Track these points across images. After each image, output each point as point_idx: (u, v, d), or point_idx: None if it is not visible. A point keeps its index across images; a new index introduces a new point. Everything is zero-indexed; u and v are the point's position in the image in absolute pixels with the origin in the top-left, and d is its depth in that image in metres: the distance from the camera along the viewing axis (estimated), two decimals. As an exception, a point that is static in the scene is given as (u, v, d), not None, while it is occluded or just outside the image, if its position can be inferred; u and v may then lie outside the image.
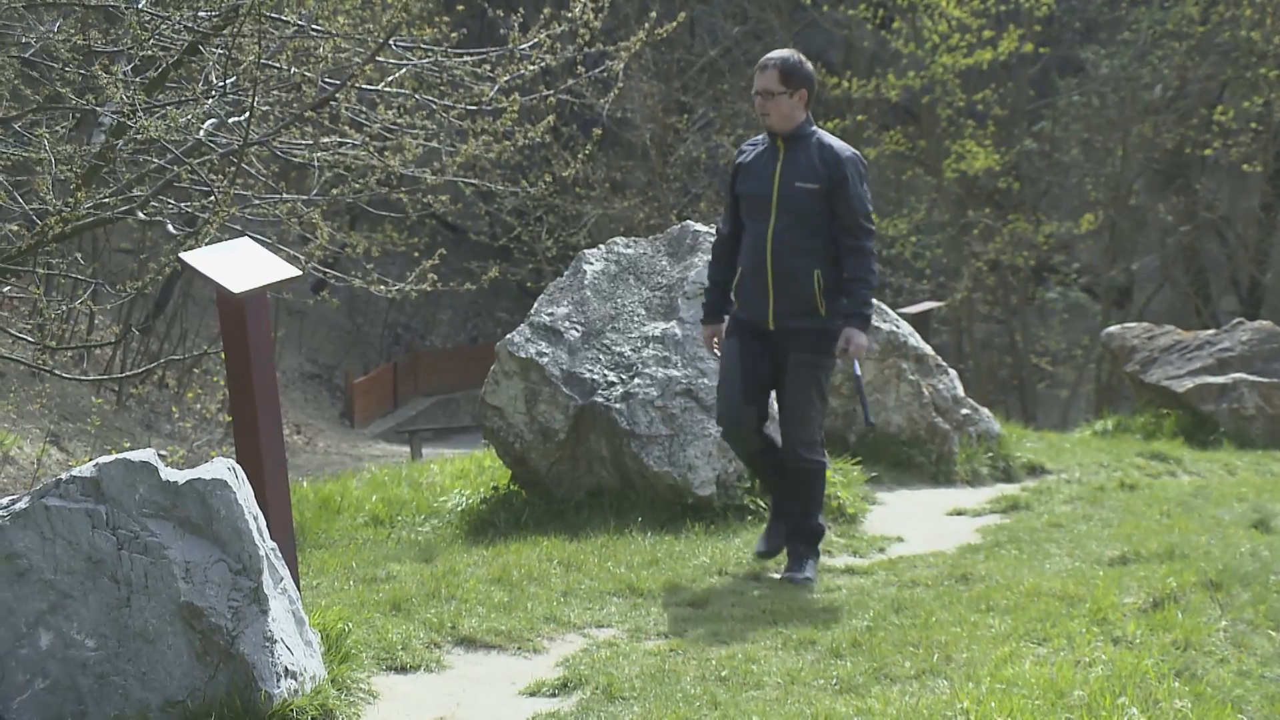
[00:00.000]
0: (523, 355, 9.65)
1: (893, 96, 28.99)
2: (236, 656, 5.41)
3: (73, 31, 11.39)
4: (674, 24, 13.23)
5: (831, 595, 7.48)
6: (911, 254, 30.63)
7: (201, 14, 11.19)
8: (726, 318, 7.89)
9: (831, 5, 30.11)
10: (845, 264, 7.53)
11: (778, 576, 7.83)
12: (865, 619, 6.79)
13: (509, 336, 9.83)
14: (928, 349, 11.99)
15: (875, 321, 11.93)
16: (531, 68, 12.67)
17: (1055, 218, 31.54)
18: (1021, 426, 15.40)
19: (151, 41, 11.19)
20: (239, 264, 6.65)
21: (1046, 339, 32.91)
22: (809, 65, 7.63)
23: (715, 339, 7.95)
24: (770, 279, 7.57)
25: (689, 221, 10.44)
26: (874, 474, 10.79)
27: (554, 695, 6.03)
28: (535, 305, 10.06)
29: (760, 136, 7.77)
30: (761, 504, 9.28)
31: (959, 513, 10.15)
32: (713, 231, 10.24)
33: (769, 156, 7.66)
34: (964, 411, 11.87)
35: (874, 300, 7.50)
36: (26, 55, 11.59)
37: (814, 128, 7.66)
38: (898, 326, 11.81)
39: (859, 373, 7.63)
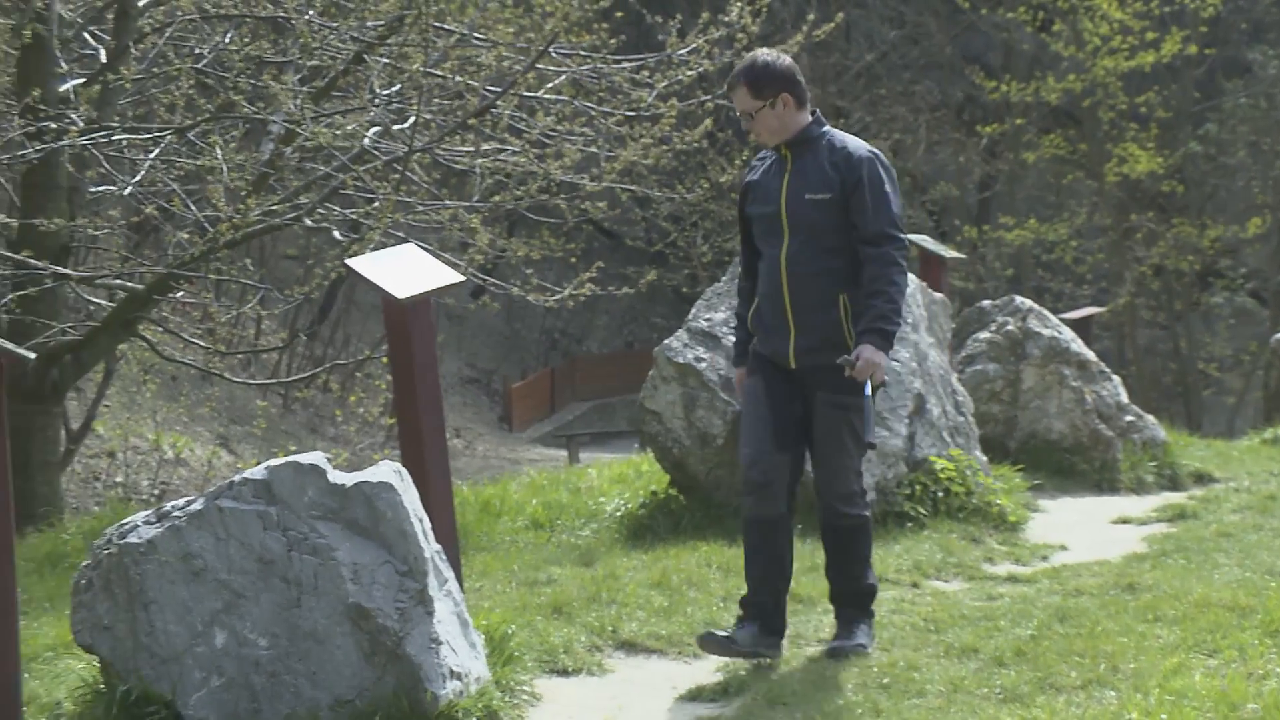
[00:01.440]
0: (681, 360, 9.67)
1: (1052, 100, 28.62)
2: (403, 657, 5.48)
3: (245, 42, 11.65)
4: (830, 27, 13.21)
5: (994, 604, 7.39)
6: (1072, 259, 30.17)
7: (368, 24, 11.38)
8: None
9: (990, 8, 29.80)
10: (864, 275, 6.29)
11: (826, 647, 6.58)
12: (1029, 628, 6.70)
13: (667, 342, 9.85)
14: (1090, 355, 11.81)
15: (1036, 327, 11.77)
16: (689, 73, 12.71)
17: (1221, 221, 30.91)
18: (1187, 434, 15.09)
19: (319, 51, 11.41)
20: (403, 270, 6.73)
21: (1212, 345, 32.24)
22: (783, 61, 6.40)
23: (746, 378, 6.68)
24: (789, 309, 6.36)
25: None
26: (1036, 481, 10.64)
27: (714, 700, 6.03)
28: (693, 310, 10.07)
29: (765, 151, 6.55)
30: (922, 510, 9.21)
31: (1124, 521, 9.98)
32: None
33: (776, 170, 6.44)
34: (1128, 418, 11.67)
35: (899, 316, 6.25)
36: (200, 66, 11.87)
37: (825, 128, 6.43)
38: (1059, 332, 11.64)
39: (868, 393, 6.27)
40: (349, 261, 6.84)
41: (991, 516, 9.29)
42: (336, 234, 11.87)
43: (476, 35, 12.03)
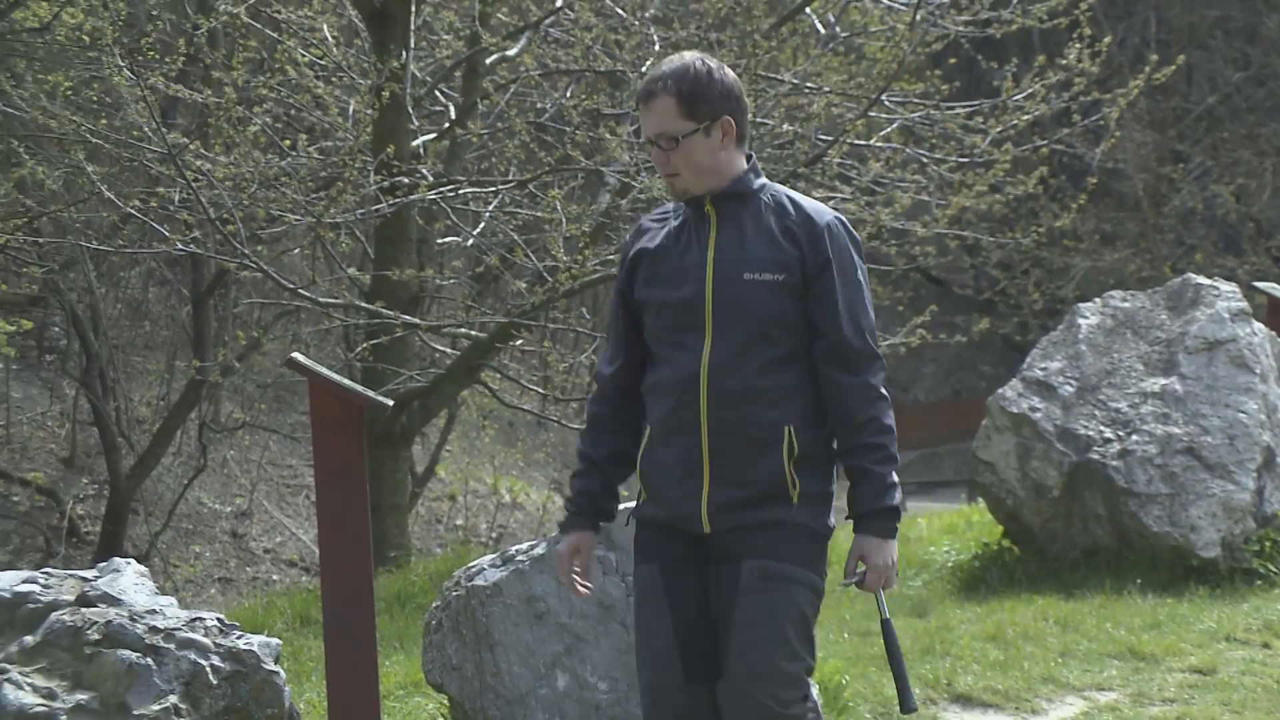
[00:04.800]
0: (1015, 410, 9.52)
1: None
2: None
3: (583, 97, 11.97)
4: (1170, 69, 12.86)
5: (1351, 668, 7.06)
6: None
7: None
8: (606, 523, 4.37)
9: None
10: (842, 418, 4.15)
11: None
12: (1390, 695, 6.39)
13: (1001, 391, 9.73)
14: None
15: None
16: (1024, 117, 12.56)
17: None
18: None
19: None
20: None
21: None
22: (728, 75, 4.23)
23: (577, 558, 4.31)
24: (704, 446, 4.12)
25: (1189, 275, 10.08)
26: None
27: (1054, 758, 5.92)
28: (1027, 359, 9.92)
29: (669, 206, 4.32)
30: (1272, 567, 8.86)
31: None
32: (1215, 286, 9.83)
33: (692, 234, 4.22)
34: None
35: (897, 482, 4.15)
36: (541, 120, 12.25)
37: (763, 179, 4.27)
38: None
39: (887, 615, 4.24)
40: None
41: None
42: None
43: (808, 84, 12.12)
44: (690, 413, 4.12)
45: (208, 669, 4.65)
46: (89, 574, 4.86)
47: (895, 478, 4.13)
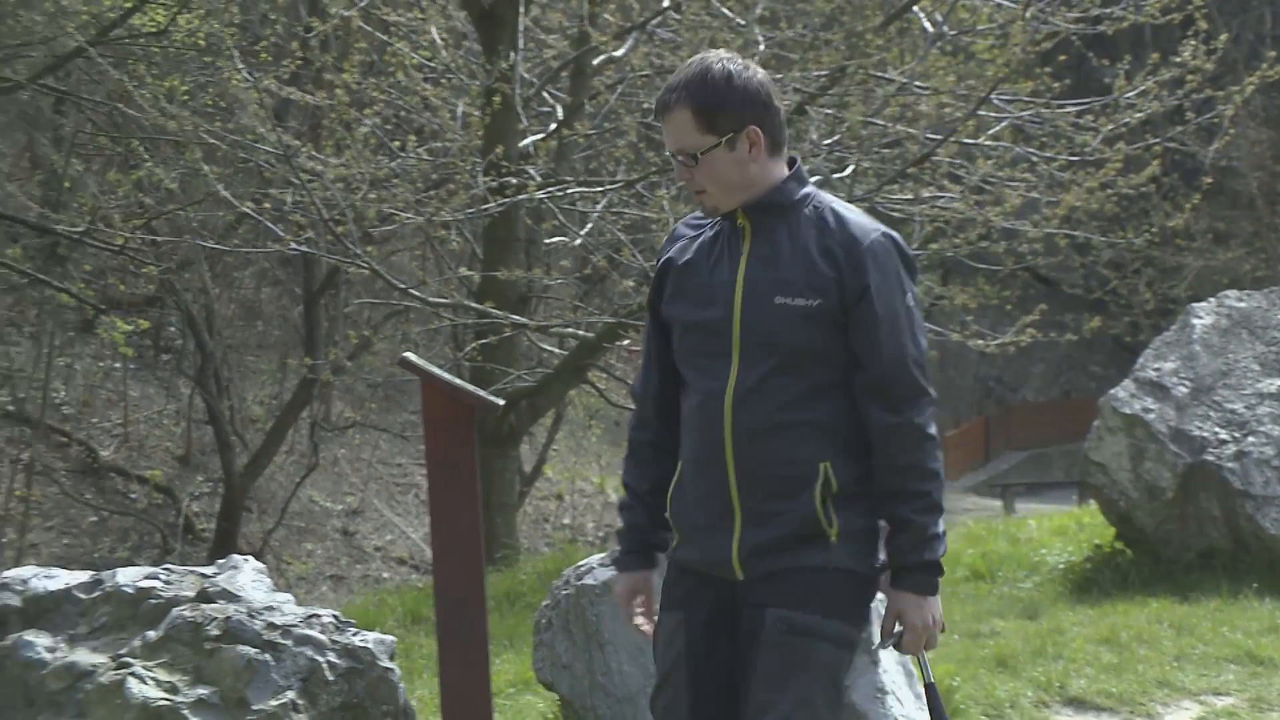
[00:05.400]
0: (1127, 411, 9.42)
1: None
2: (848, 706, 5.52)
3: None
4: (1288, 65, 12.64)
5: None
6: None
7: (812, 74, 11.56)
8: (662, 557, 3.92)
9: None
10: (882, 461, 3.66)
11: None
12: None
13: (1113, 392, 9.62)
14: None
15: None
16: (1136, 115, 12.42)
17: None
18: None
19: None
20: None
21: None
22: (752, 75, 3.69)
23: (639, 601, 3.90)
24: (733, 485, 3.68)
25: (1308, 272, 9.92)
26: None
27: (1169, 763, 5.86)
28: (1139, 360, 9.81)
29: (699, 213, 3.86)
30: (1393, 573, 8.70)
31: None
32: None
33: (725, 248, 3.75)
34: None
35: (942, 531, 3.66)
36: (649, 120, 12.30)
37: (808, 188, 3.76)
38: None
39: (931, 679, 3.80)
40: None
41: None
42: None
43: (917, 84, 12.06)
44: (716, 448, 3.67)
45: (324, 665, 4.71)
46: (209, 570, 4.94)
47: (939, 528, 3.62)
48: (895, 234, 3.71)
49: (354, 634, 4.87)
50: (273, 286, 19.69)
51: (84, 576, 4.92)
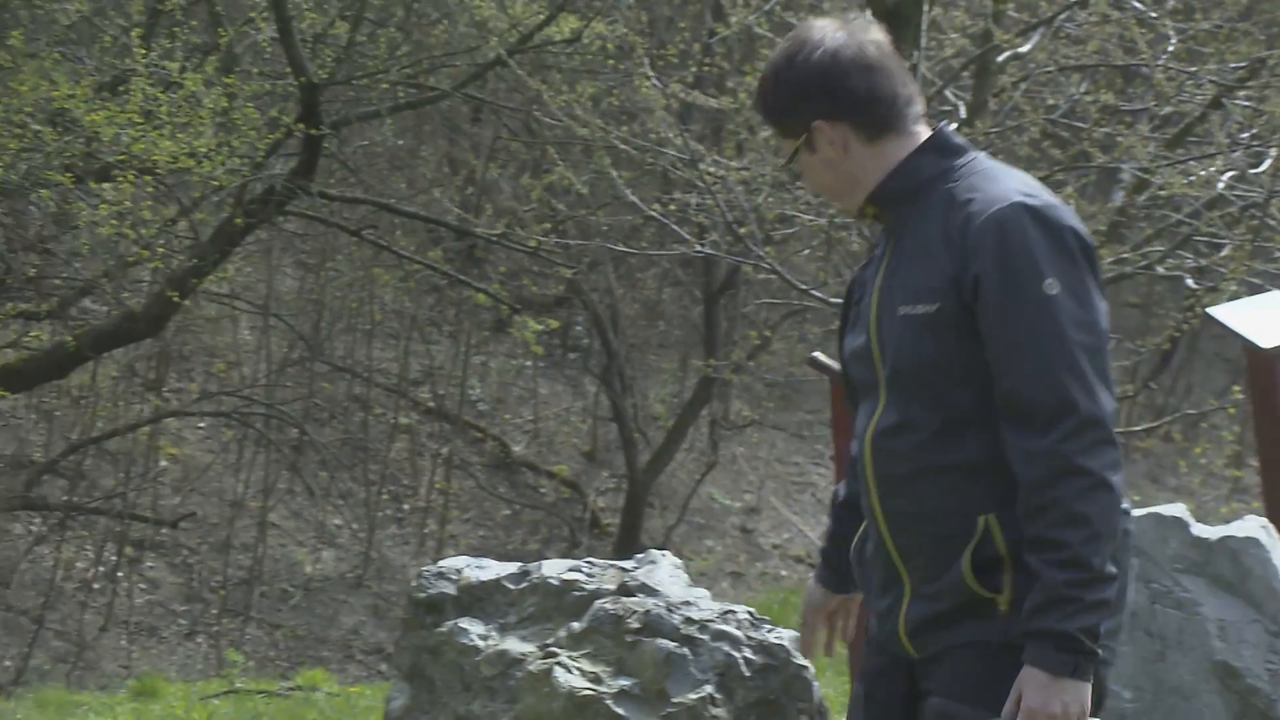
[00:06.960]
0: None
1: None
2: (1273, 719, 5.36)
3: (1099, 91, 11.78)
4: None
5: None
6: None
7: (1229, 66, 11.19)
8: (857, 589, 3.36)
9: None
10: (1020, 497, 2.89)
11: None
12: None
13: None
14: None
15: None
16: None
17: None
18: None
19: (1174, 98, 11.35)
20: (1267, 318, 6.59)
21: None
22: (814, 59, 3.02)
23: (815, 616, 3.46)
24: (889, 544, 3.07)
25: None
26: None
27: None
28: None
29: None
30: None
31: None
32: None
33: (879, 254, 3.14)
34: None
35: (1102, 588, 2.82)
36: (1054, 117, 12.13)
37: (949, 161, 3.03)
38: None
39: None
40: (1210, 310, 6.78)
41: None
42: (1191, 283, 11.69)
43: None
44: (867, 500, 3.08)
45: (740, 661, 4.81)
46: (628, 564, 5.10)
47: (1085, 592, 2.81)
48: (1041, 200, 2.92)
49: (769, 630, 4.98)
50: (673, 287, 20.09)
51: (512, 568, 5.15)
